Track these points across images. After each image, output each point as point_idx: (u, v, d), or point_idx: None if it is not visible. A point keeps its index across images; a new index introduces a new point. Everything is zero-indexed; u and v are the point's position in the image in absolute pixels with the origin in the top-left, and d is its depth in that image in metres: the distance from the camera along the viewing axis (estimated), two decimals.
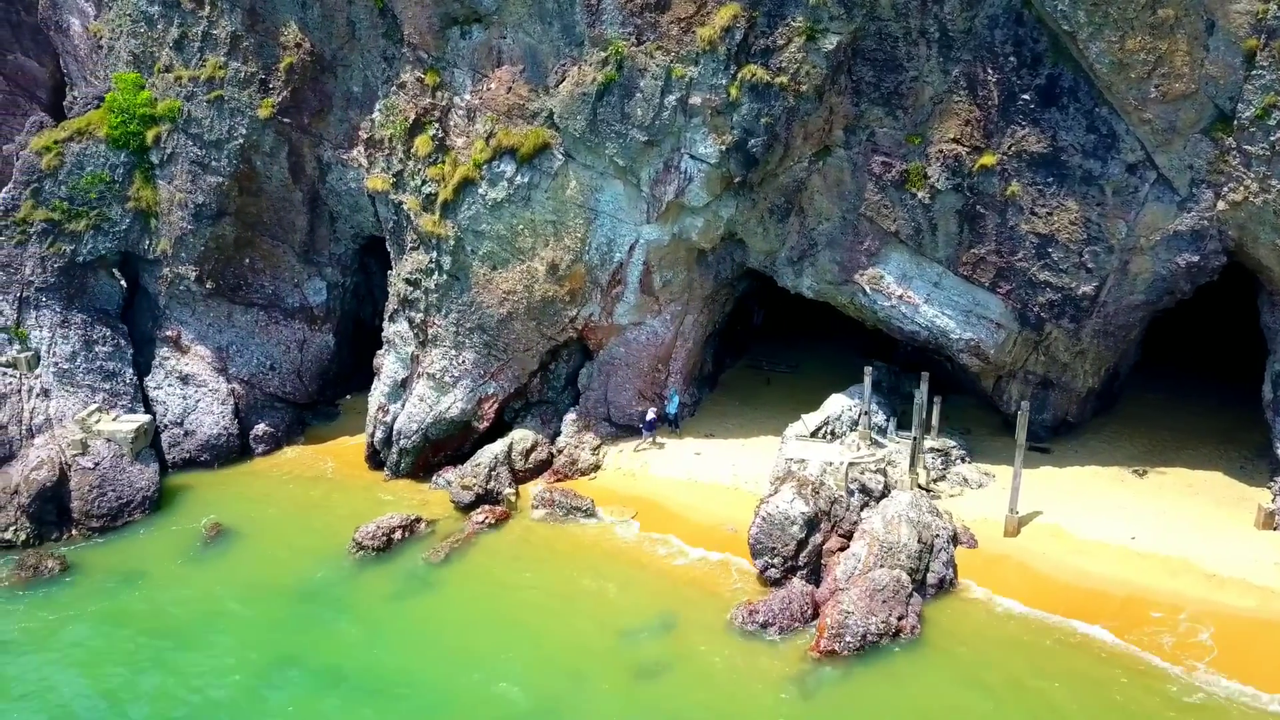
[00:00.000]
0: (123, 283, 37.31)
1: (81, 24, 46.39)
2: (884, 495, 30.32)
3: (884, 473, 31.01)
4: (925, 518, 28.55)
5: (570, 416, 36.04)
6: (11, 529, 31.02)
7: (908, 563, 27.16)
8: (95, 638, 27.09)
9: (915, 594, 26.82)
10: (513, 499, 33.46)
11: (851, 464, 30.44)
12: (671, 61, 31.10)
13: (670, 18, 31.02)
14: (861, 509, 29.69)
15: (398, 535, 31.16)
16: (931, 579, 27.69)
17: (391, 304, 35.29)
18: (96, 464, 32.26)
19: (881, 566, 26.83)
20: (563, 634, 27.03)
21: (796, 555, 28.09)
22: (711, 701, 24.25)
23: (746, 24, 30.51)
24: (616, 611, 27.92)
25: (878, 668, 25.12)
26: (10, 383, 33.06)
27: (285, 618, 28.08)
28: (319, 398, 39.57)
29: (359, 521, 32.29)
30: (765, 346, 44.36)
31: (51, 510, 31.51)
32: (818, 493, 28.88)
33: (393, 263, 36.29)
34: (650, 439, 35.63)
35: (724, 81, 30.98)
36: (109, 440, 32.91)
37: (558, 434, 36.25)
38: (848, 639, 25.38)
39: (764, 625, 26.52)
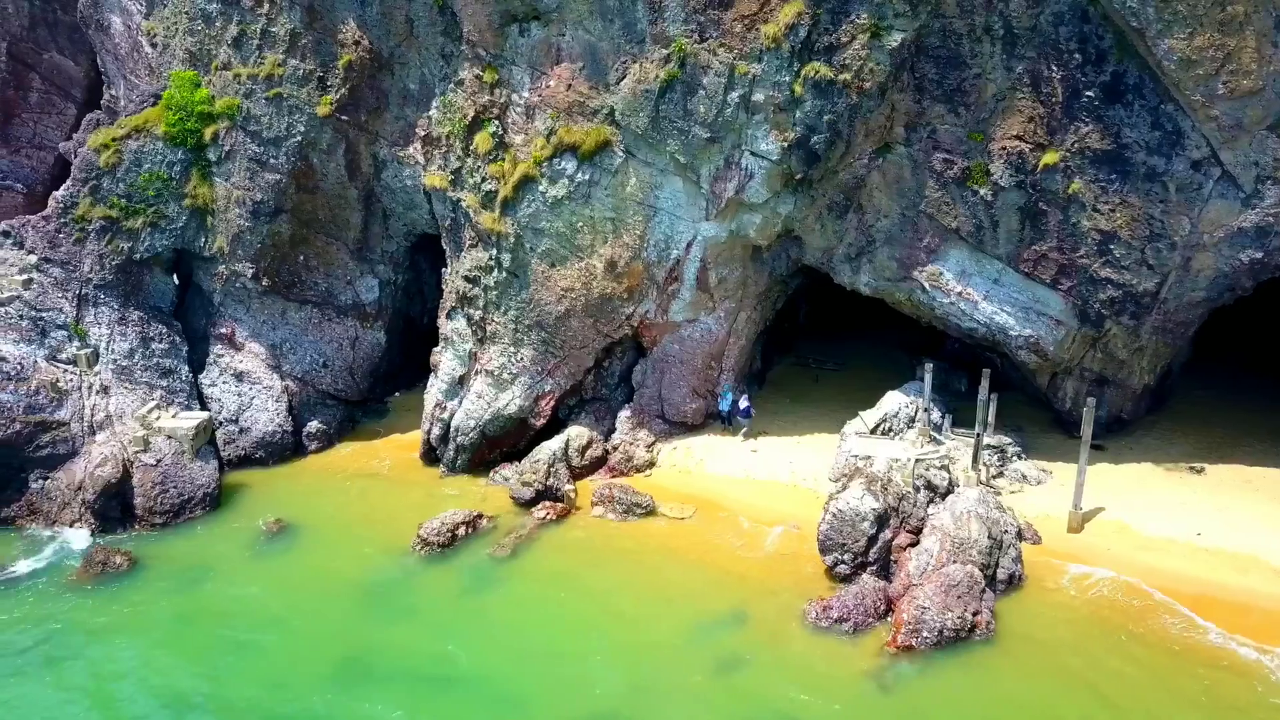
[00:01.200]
0: (175, 280, 37.39)
1: (123, 22, 46.55)
2: (949, 492, 30.39)
3: (947, 469, 31.07)
4: (994, 514, 28.63)
5: (624, 414, 36.10)
6: (76, 525, 31.06)
7: (979, 558, 27.20)
8: (168, 634, 27.10)
9: (987, 589, 26.87)
10: (572, 495, 33.53)
11: (918, 460, 30.49)
12: (735, 59, 31.16)
13: (734, 15, 31.09)
14: (928, 505, 29.73)
15: (461, 531, 31.21)
16: (1001, 574, 27.75)
17: (449, 301, 35.34)
18: (158, 461, 32.33)
19: (954, 562, 26.88)
20: (636, 628, 27.08)
21: (867, 551, 28.15)
22: (793, 695, 24.29)
23: (810, 21, 30.57)
24: (686, 606, 27.94)
25: (955, 663, 25.15)
26: (71, 380, 33.12)
27: (356, 614, 28.10)
28: (369, 395, 39.66)
29: (420, 518, 32.35)
30: (809, 343, 44.40)
31: (115, 506, 31.57)
32: (886, 489, 28.94)
33: (447, 260, 36.37)
34: (746, 427, 35.81)
35: (787, 79, 31.05)
36: (170, 437, 32.97)
37: (611, 431, 36.32)
38: (925, 634, 25.44)
39: (839, 620, 26.58)
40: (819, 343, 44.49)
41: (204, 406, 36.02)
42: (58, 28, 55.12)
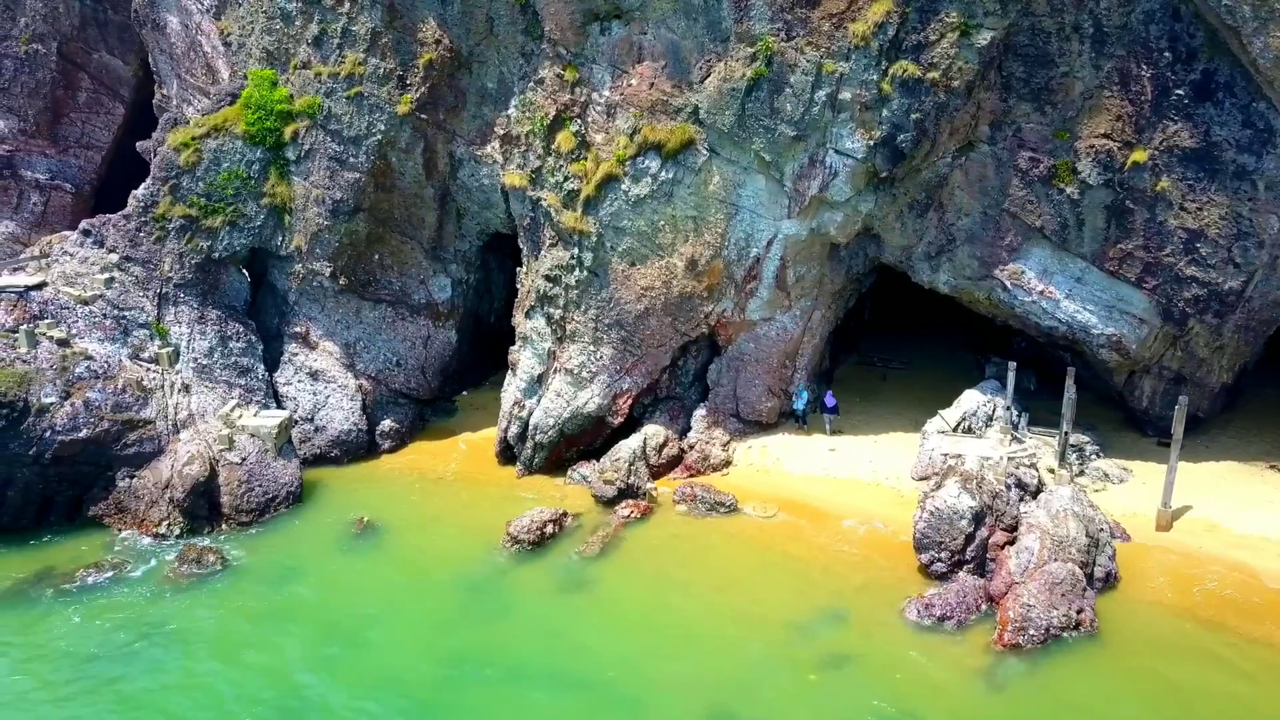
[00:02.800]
0: (248, 278, 37.44)
1: (181, 22, 46.64)
2: (1039, 490, 30.39)
3: (1035, 467, 31.08)
4: (1088, 511, 28.64)
5: (700, 412, 36.11)
6: (165, 523, 31.11)
7: (1078, 556, 27.21)
8: (268, 633, 27.08)
9: (1088, 588, 26.88)
10: (654, 494, 33.55)
11: (1009, 458, 30.49)
12: (822, 57, 31.17)
13: (821, 13, 31.10)
14: (1019, 503, 29.72)
15: (549, 529, 31.23)
16: (1099, 572, 27.75)
17: (528, 300, 35.35)
18: (243, 459, 32.37)
19: (1055, 560, 26.88)
20: (734, 626, 27.09)
21: (964, 549, 28.15)
22: (901, 693, 24.30)
23: (899, 19, 30.58)
24: (784, 604, 27.96)
25: (1063, 661, 25.15)
26: (154, 378, 33.16)
27: (454, 612, 28.15)
28: (439, 394, 39.67)
29: (502, 516, 32.42)
30: (872, 342, 44.40)
31: (203, 505, 31.60)
32: (980, 487, 28.93)
33: (523, 259, 36.40)
34: (830, 423, 36.03)
35: (874, 77, 31.06)
36: (253, 436, 33.00)
37: (686, 430, 36.33)
38: (1031, 632, 25.44)
39: (942, 618, 26.61)
40: (881, 341, 44.47)
41: (279, 405, 36.06)
42: (108, 27, 55.24)
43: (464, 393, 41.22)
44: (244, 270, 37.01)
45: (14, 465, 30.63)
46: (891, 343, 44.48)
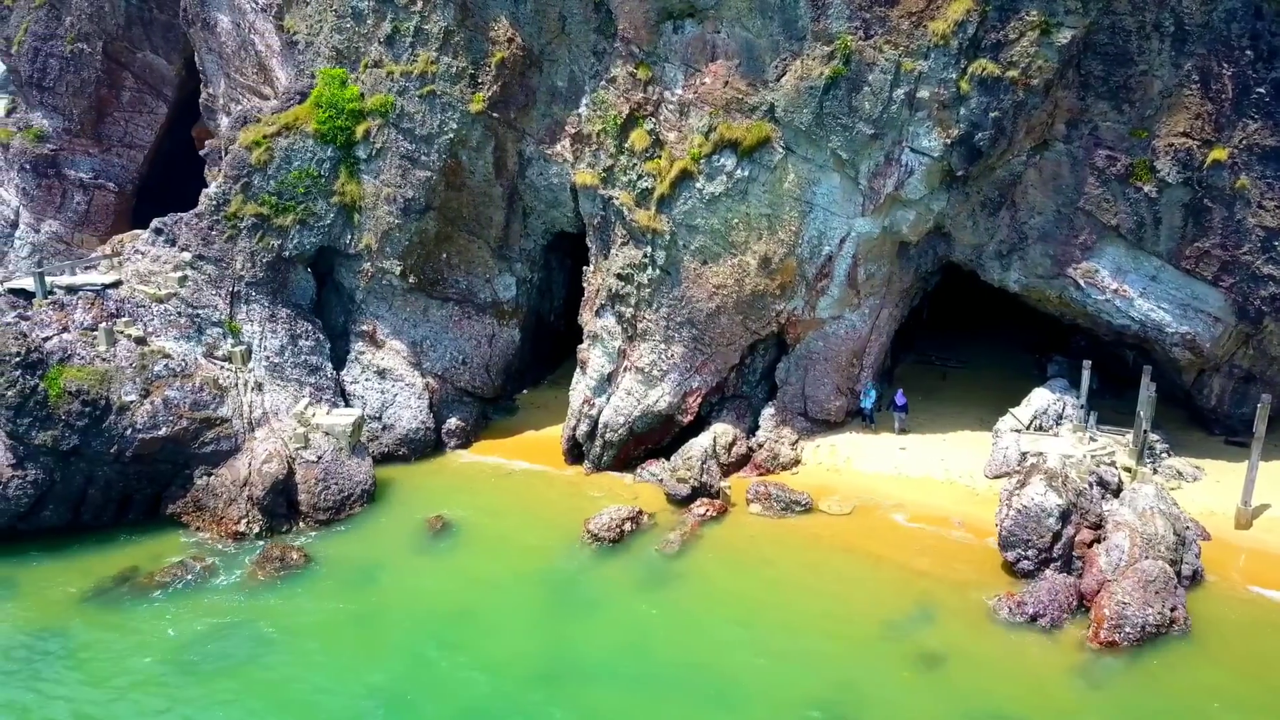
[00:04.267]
0: (312, 277, 37.45)
1: (232, 20, 46.65)
2: (1119, 488, 30.42)
3: (1114, 465, 31.11)
4: (1172, 509, 28.67)
5: (768, 411, 36.14)
6: (244, 521, 31.12)
7: (1167, 554, 27.21)
8: (358, 631, 27.06)
9: (1179, 585, 26.90)
10: (727, 492, 33.57)
11: (1091, 456, 30.52)
12: (900, 55, 31.20)
13: (900, 12, 31.13)
14: (1101, 501, 29.72)
15: (627, 527, 31.27)
16: (1186, 570, 27.76)
17: (598, 298, 35.36)
18: (319, 457, 32.40)
19: (1146, 558, 26.89)
20: (826, 624, 27.11)
21: (1051, 547, 28.15)
22: (1003, 691, 24.33)
23: (979, 18, 30.61)
24: (869, 602, 27.99)
25: (1159, 659, 25.18)
26: (228, 376, 33.19)
27: (541, 609, 28.18)
28: (501, 392, 39.70)
29: (576, 513, 32.52)
30: (928, 341, 44.39)
31: (282, 503, 31.63)
32: (1065, 485, 28.95)
33: (590, 258, 36.43)
34: (899, 422, 36.13)
35: (953, 76, 31.09)
36: (327, 434, 33.03)
37: (752, 429, 36.37)
38: (1127, 630, 25.46)
39: (1034, 617, 26.63)
40: (936, 341, 44.46)
41: (347, 403, 36.09)
42: (152, 26, 55.20)
43: (524, 391, 41.23)
44: (309, 269, 36.97)
45: (95, 463, 30.67)
46: (947, 342, 44.46)
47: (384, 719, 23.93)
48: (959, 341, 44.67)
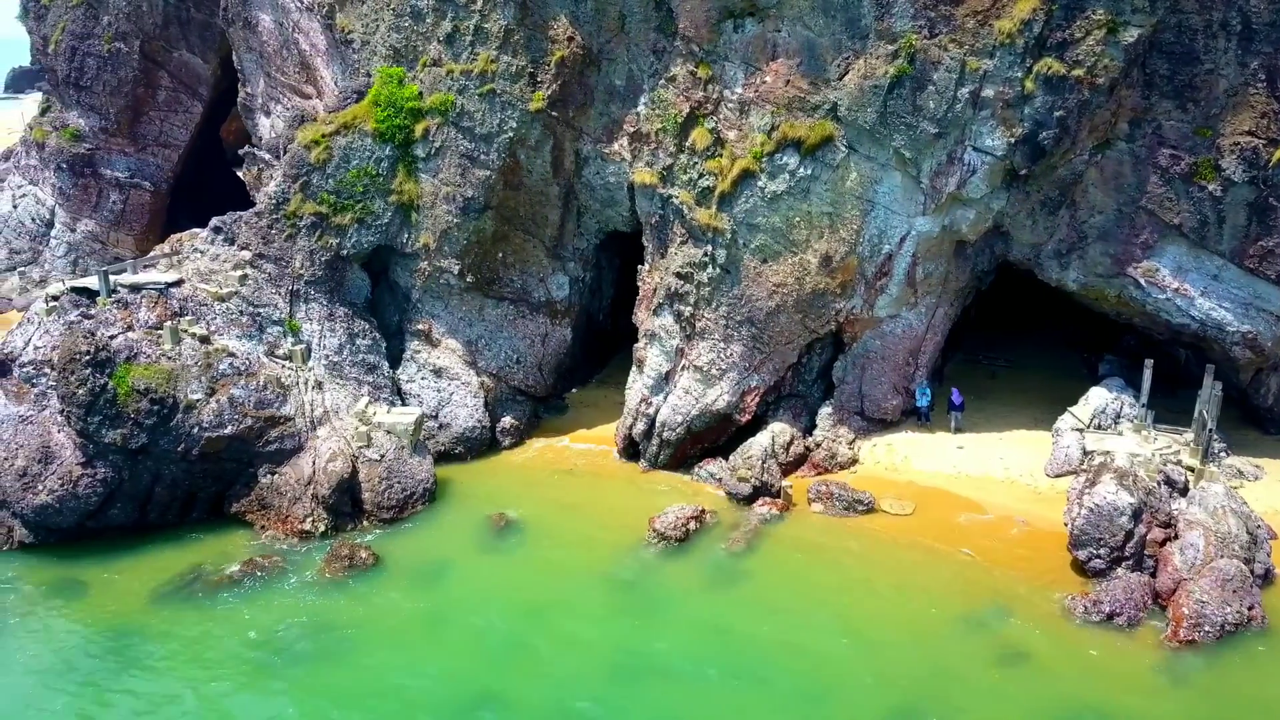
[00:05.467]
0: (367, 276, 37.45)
1: (274, 20, 46.69)
2: (1185, 487, 30.42)
3: (1180, 464, 31.11)
4: (1243, 508, 28.68)
5: (825, 410, 36.15)
6: (309, 520, 31.11)
7: (1241, 553, 27.23)
8: (429, 630, 27.02)
9: (1254, 584, 26.91)
10: (789, 491, 33.57)
11: (1158, 454, 30.54)
12: (966, 54, 31.22)
13: (965, 11, 31.15)
14: (1169, 500, 29.73)
15: (691, 525, 31.26)
16: (1258, 569, 27.76)
17: (656, 297, 35.36)
18: (382, 456, 32.39)
19: (1221, 557, 26.90)
20: (902, 622, 27.10)
21: (1123, 546, 28.15)
22: (1088, 687, 24.32)
23: (1045, 17, 30.63)
24: (942, 601, 27.97)
25: (1239, 656, 25.20)
26: (290, 375, 33.18)
27: (611, 607, 28.18)
28: (552, 391, 39.69)
29: (637, 511, 32.52)
30: (974, 340, 44.38)
31: (346, 502, 31.61)
32: (1135, 483, 28.96)
33: (646, 257, 36.43)
34: (956, 421, 36.04)
35: (1019, 74, 31.11)
36: (389, 432, 33.03)
37: (809, 428, 36.37)
38: (1206, 629, 25.48)
39: (1111, 615, 26.65)
40: (983, 339, 44.45)
41: (403, 402, 36.10)
42: (189, 25, 55.27)
43: (574, 390, 41.22)
44: (364, 268, 36.96)
45: (162, 461, 30.66)
46: (992, 341, 44.46)
47: (468, 717, 23.92)
48: (1004, 340, 44.68)
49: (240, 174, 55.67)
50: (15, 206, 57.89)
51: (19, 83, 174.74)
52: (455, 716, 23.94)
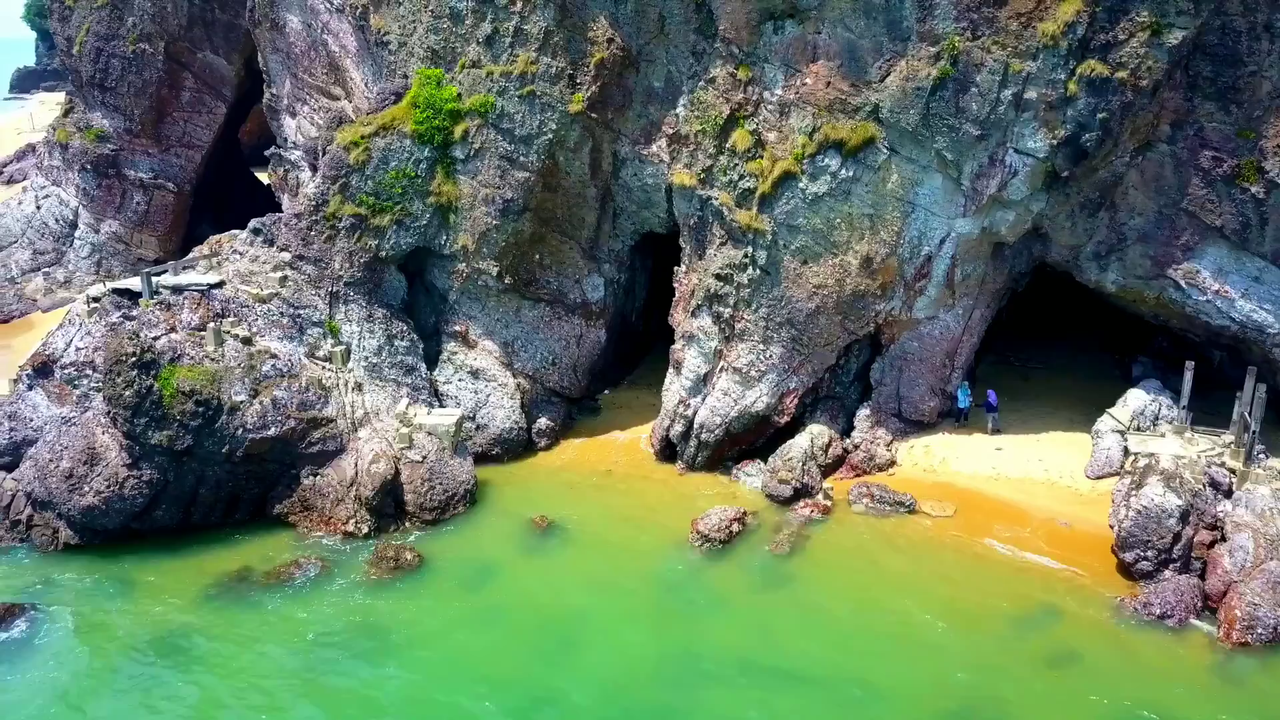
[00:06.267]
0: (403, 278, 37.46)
1: (303, 21, 46.73)
2: (1229, 489, 30.40)
3: (1223, 466, 31.11)
4: None
5: (864, 412, 36.15)
6: (352, 521, 31.12)
7: None
8: (482, 633, 27.01)
9: None
10: (829, 493, 33.58)
11: (1203, 456, 30.55)
12: (1009, 56, 31.21)
13: (1008, 12, 31.14)
14: (1215, 501, 29.73)
15: (734, 528, 31.27)
16: None
17: (695, 299, 35.36)
18: (424, 457, 32.40)
19: (1271, 559, 26.91)
20: (950, 623, 27.12)
21: (1171, 548, 28.17)
22: (1143, 688, 24.36)
23: (1088, 19, 30.63)
24: (990, 601, 28.00)
25: None
26: (331, 377, 33.18)
27: (658, 610, 28.18)
28: (586, 392, 39.70)
29: (678, 513, 32.60)
30: (1005, 341, 44.33)
31: (390, 503, 31.64)
32: (1182, 485, 28.98)
33: (683, 259, 36.44)
34: (992, 422, 36.00)
35: (1062, 76, 31.09)
36: (430, 434, 33.05)
37: (846, 430, 36.38)
38: (1259, 631, 25.51)
39: (1161, 617, 26.68)
40: (1013, 341, 44.41)
41: (440, 403, 36.10)
42: (214, 26, 55.31)
43: (606, 391, 41.23)
44: (400, 269, 36.98)
45: (207, 463, 30.68)
46: (1023, 343, 44.41)
47: (525, 717, 23.94)
48: (1033, 342, 44.65)
49: (266, 175, 55.81)
50: (39, 207, 57.92)
51: (24, 83, 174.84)
52: (511, 718, 23.95)
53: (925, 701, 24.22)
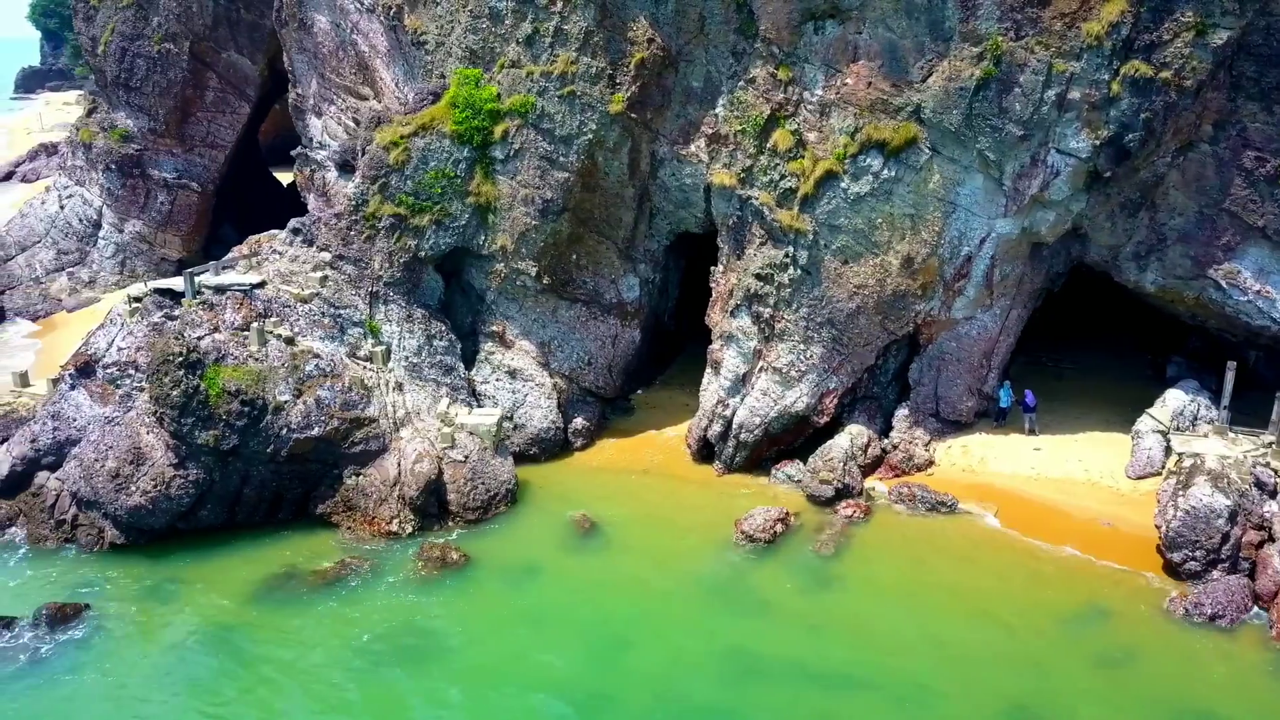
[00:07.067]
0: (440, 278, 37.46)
1: (331, 21, 46.68)
2: (1275, 489, 30.41)
3: (1269, 465, 31.13)
4: None
5: (902, 412, 36.17)
6: (396, 520, 31.12)
7: None
8: (533, 632, 26.95)
9: None
10: (871, 493, 33.60)
11: (1248, 456, 30.56)
12: (1052, 57, 31.22)
13: (1052, 13, 31.15)
14: (1261, 501, 29.74)
15: (778, 528, 31.27)
16: None
17: (733, 299, 35.37)
18: (466, 457, 32.40)
19: None
20: (1000, 623, 27.14)
21: (1219, 548, 28.21)
22: (1200, 688, 24.38)
23: (1133, 19, 30.65)
24: (1038, 601, 28.00)
25: None
26: (372, 377, 33.19)
27: (707, 610, 28.15)
28: (619, 393, 39.71)
29: (719, 513, 32.64)
30: (1036, 341, 44.31)
31: (434, 503, 31.64)
32: (1230, 485, 28.99)
33: (721, 259, 36.43)
34: (1029, 423, 36.02)
35: (1106, 77, 31.11)
36: (471, 433, 33.05)
37: (884, 430, 36.40)
38: None
39: (1213, 617, 26.69)
40: (1044, 341, 44.42)
41: (478, 403, 36.11)
42: (239, 26, 55.33)
43: (639, 391, 41.24)
44: (437, 269, 36.98)
45: (252, 463, 30.69)
46: (1055, 343, 44.42)
47: (578, 716, 23.95)
48: (1064, 342, 44.68)
49: (283, 174, 55.75)
50: (62, 207, 57.91)
51: (29, 83, 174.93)
52: (569, 716, 23.96)
53: (982, 702, 24.18)
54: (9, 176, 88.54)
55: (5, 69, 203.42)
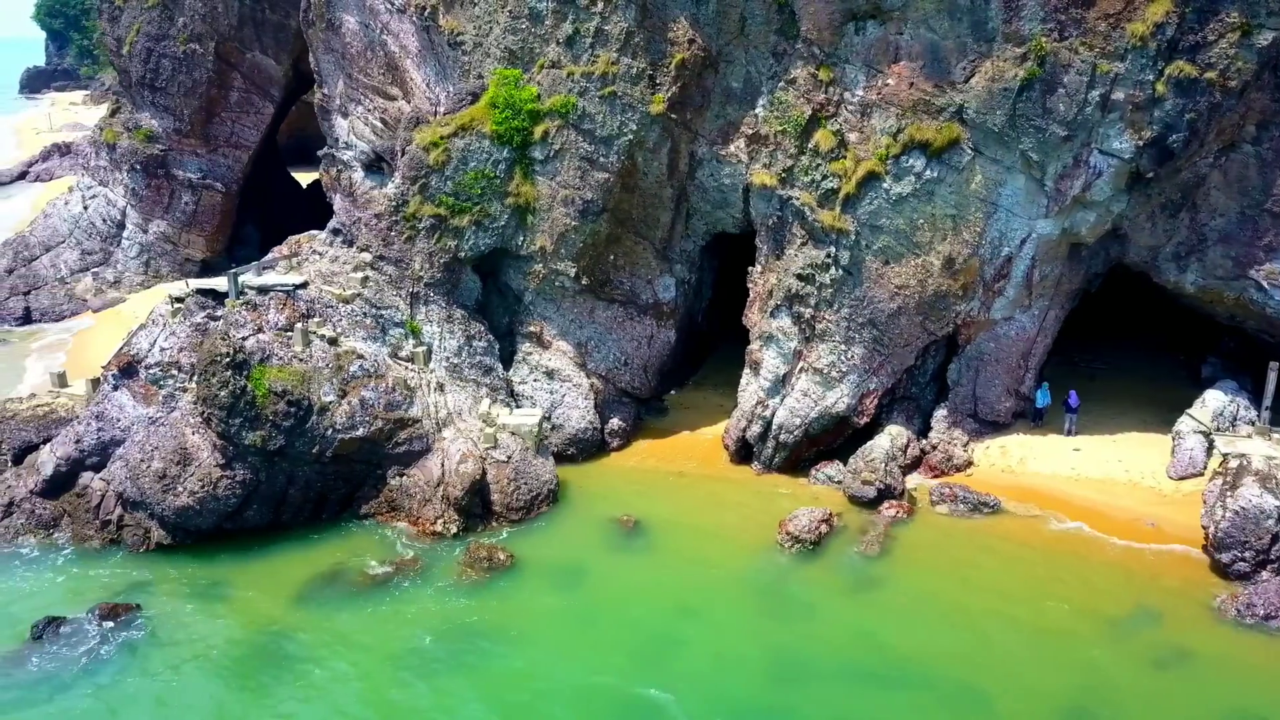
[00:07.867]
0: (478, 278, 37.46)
1: (359, 21, 46.59)
2: None
3: None
4: None
5: (941, 412, 36.17)
6: (441, 521, 31.11)
7: None
8: (584, 632, 26.98)
9: None
10: (913, 494, 33.61)
11: None
12: (1097, 57, 31.23)
13: (1097, 13, 31.16)
14: None
15: (822, 529, 31.27)
16: None
17: (773, 299, 35.36)
18: (509, 457, 32.40)
19: None
20: (1050, 623, 27.10)
21: (1269, 549, 28.21)
22: (1256, 690, 24.36)
23: (1178, 19, 30.66)
24: (1088, 602, 27.98)
25: None
26: (415, 377, 33.19)
27: (755, 611, 28.14)
28: (654, 393, 39.70)
29: (762, 514, 32.63)
30: (1068, 342, 44.27)
31: (478, 503, 31.63)
32: (1278, 486, 28.99)
33: (759, 259, 36.41)
34: (1070, 424, 36.02)
35: (1150, 77, 31.13)
36: (513, 434, 33.05)
37: (922, 430, 36.40)
38: None
39: (1266, 618, 26.70)
40: (1076, 341, 44.41)
41: (516, 404, 36.10)
42: (264, 26, 55.38)
43: (673, 392, 41.23)
44: (474, 270, 36.98)
45: (297, 463, 30.70)
46: (1087, 343, 44.39)
47: (631, 715, 23.95)
48: (1097, 342, 44.67)
49: (303, 175, 55.72)
50: (86, 208, 57.94)
51: (34, 83, 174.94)
52: (621, 716, 23.98)
53: (1036, 703, 24.17)
54: (23, 176, 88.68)
55: (10, 69, 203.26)
